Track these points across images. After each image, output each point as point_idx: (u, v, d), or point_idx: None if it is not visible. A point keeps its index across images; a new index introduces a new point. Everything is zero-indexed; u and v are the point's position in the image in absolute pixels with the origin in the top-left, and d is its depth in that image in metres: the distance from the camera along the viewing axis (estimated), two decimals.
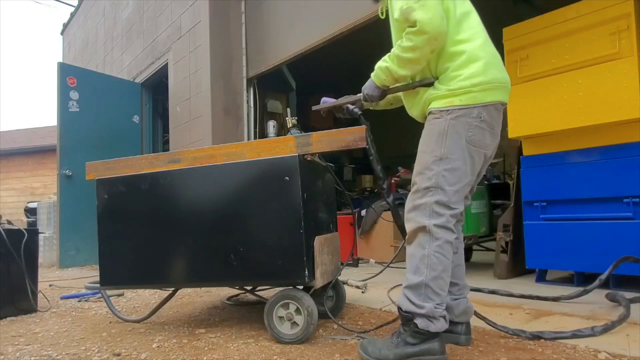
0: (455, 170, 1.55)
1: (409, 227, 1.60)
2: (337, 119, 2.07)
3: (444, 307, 1.55)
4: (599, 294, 2.27)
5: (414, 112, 1.75)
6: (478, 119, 1.56)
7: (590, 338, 1.74)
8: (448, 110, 1.56)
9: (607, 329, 1.78)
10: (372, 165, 1.87)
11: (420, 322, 1.52)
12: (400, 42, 1.58)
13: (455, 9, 1.61)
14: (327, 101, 2.06)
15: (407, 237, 1.62)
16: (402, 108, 1.89)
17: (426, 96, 1.63)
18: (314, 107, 2.08)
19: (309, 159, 1.98)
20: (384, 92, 1.74)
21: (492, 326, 1.85)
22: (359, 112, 1.89)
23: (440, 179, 1.55)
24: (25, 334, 2.21)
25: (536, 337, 1.77)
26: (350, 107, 1.90)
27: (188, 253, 2.07)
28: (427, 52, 1.55)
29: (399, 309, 1.59)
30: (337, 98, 2.12)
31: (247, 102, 4.73)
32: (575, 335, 1.75)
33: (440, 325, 1.53)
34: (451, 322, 1.69)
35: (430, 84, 1.64)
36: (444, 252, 1.54)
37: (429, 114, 1.62)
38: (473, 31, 1.61)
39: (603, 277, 2.22)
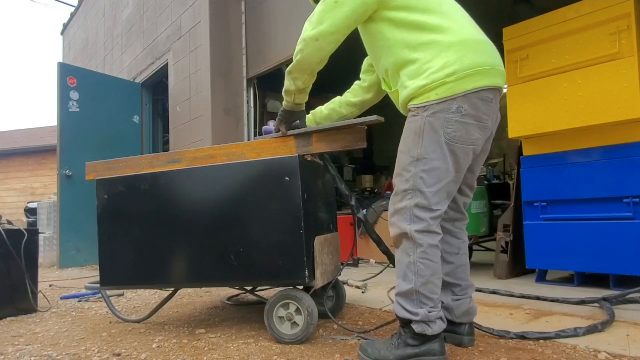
0: (434, 170, 1.49)
1: (392, 231, 1.57)
2: None
3: (438, 309, 1.53)
4: (599, 295, 2.27)
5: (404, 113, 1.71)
6: (458, 113, 1.45)
7: (590, 338, 1.74)
8: (424, 107, 1.48)
9: (590, 330, 1.79)
10: (335, 184, 1.91)
11: (416, 327, 1.50)
12: None
13: None
14: (269, 130, 2.12)
15: (392, 241, 1.59)
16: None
17: (402, 98, 1.57)
18: (257, 138, 2.16)
19: (309, 159, 1.98)
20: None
21: (476, 328, 1.81)
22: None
23: (418, 181, 1.49)
24: (25, 334, 2.21)
25: (520, 337, 1.77)
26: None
27: (188, 253, 2.07)
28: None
29: (396, 314, 1.58)
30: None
31: (247, 102, 4.73)
32: (559, 335, 1.76)
33: (437, 328, 1.51)
34: (453, 323, 1.67)
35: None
36: (429, 256, 1.50)
37: (408, 111, 1.56)
38: (444, 16, 1.51)
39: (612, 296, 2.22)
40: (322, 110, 2.08)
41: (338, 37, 1.61)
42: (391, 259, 1.85)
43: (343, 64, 1.79)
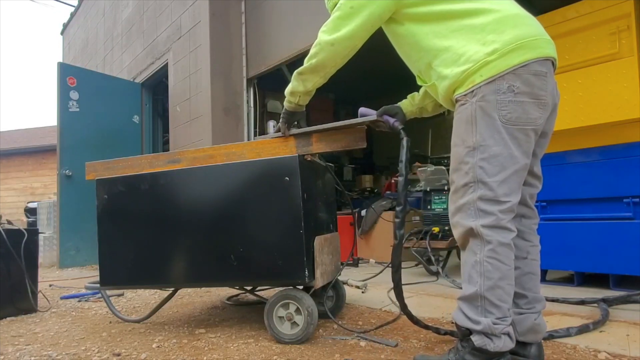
0: (495, 157, 1.32)
1: (456, 233, 1.41)
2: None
3: (507, 323, 1.33)
4: (599, 295, 2.27)
5: (448, 107, 1.58)
6: (511, 93, 1.31)
7: (590, 338, 1.75)
8: (472, 92, 1.34)
9: (582, 330, 1.80)
10: (398, 186, 1.64)
11: (476, 340, 1.32)
12: None
13: None
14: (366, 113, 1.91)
15: (458, 243, 1.43)
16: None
17: (443, 89, 1.44)
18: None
19: (309, 159, 1.98)
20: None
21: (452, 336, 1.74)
22: (400, 127, 1.73)
23: (478, 172, 1.33)
24: (25, 334, 2.21)
25: None
26: (391, 120, 1.76)
27: (188, 253, 2.07)
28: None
29: (455, 323, 1.42)
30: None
31: (247, 102, 4.74)
32: (552, 335, 1.75)
33: (501, 344, 1.31)
34: (517, 342, 1.43)
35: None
36: (499, 256, 1.32)
37: (455, 102, 1.42)
38: (474, 0, 1.40)
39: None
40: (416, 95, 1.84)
41: (355, 43, 1.55)
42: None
43: (355, 64, 1.76)
